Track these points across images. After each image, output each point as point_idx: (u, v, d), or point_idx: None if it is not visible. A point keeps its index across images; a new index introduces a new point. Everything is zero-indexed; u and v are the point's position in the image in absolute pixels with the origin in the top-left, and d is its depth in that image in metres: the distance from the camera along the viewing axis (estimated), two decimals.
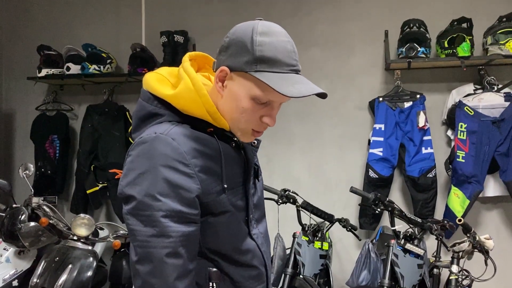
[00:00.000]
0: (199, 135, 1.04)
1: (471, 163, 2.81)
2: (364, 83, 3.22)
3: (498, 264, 2.22)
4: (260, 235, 1.17)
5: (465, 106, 2.85)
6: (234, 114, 1.03)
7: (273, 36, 0.99)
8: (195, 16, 3.53)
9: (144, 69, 3.31)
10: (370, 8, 3.23)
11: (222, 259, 1.08)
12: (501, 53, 2.76)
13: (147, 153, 0.98)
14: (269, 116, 1.04)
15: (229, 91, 1.02)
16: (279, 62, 0.98)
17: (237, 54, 0.99)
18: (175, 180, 0.96)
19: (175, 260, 0.95)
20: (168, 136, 0.99)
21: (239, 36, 1.00)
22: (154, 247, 0.94)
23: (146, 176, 0.96)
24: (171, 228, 0.95)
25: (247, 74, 0.98)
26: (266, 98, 1.01)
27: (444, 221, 2.47)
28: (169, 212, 0.95)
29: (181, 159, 0.98)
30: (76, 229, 2.48)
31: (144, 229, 0.95)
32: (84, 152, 3.45)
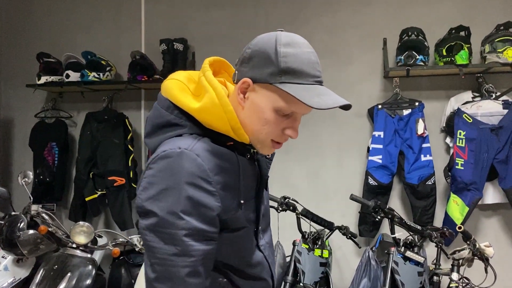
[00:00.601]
0: (220, 150, 1.02)
1: (470, 171, 2.81)
2: (363, 90, 3.23)
3: (498, 272, 2.22)
4: (267, 246, 1.17)
5: (464, 113, 2.86)
6: (256, 126, 1.02)
7: (297, 47, 0.98)
8: (194, 24, 3.55)
9: (144, 76, 3.32)
10: (368, 16, 3.25)
11: (233, 272, 1.08)
12: (499, 61, 2.77)
13: (172, 169, 0.95)
14: (291, 128, 1.03)
15: (251, 103, 1.01)
16: (304, 74, 0.96)
17: (260, 65, 0.98)
18: (198, 198, 0.94)
19: (195, 279, 0.94)
20: (192, 151, 0.97)
21: (262, 47, 0.98)
22: (175, 266, 0.93)
23: (170, 192, 0.94)
24: (193, 247, 0.94)
25: (271, 85, 0.97)
26: (290, 110, 1.00)
27: (443, 229, 2.47)
28: (191, 231, 0.93)
29: (205, 176, 0.96)
30: (75, 237, 2.47)
31: (165, 247, 0.93)
32: (83, 159, 3.45)
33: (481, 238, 3.01)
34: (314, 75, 0.98)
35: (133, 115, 3.57)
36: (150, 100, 3.61)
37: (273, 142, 1.04)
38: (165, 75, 3.28)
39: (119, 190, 3.34)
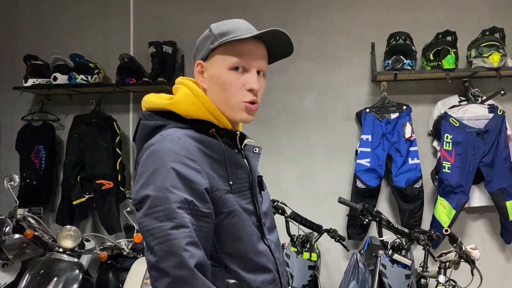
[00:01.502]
0: (202, 137, 1.08)
1: (456, 174, 2.84)
2: (351, 94, 3.25)
3: (484, 274, 2.24)
4: (273, 243, 1.17)
5: (451, 117, 2.89)
6: (221, 95, 1.09)
7: (227, 21, 1.15)
8: (183, 27, 3.54)
9: (132, 79, 3.31)
10: (356, 20, 3.28)
11: (239, 265, 1.06)
12: (484, 65, 2.81)
13: (156, 152, 1.01)
14: (250, 80, 1.08)
15: (209, 78, 1.11)
16: (238, 29, 1.09)
17: (202, 45, 1.14)
18: (184, 173, 0.98)
19: (197, 249, 0.94)
20: (174, 136, 1.03)
21: (201, 36, 1.17)
22: (175, 238, 0.93)
23: (158, 173, 0.98)
24: (187, 218, 0.95)
25: (215, 51, 1.10)
26: (241, 63, 1.08)
27: (431, 231, 2.49)
28: (183, 203, 0.95)
29: (189, 155, 1.01)
30: (61, 241, 2.45)
31: (162, 224, 0.94)
32: (71, 162, 3.41)
33: (467, 240, 3.04)
34: (247, 28, 1.11)
35: (122, 118, 3.55)
36: (139, 103, 3.54)
37: (245, 103, 1.09)
38: (154, 78, 3.27)
39: (107, 194, 3.31)
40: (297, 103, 3.36)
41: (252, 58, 1.09)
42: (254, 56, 1.09)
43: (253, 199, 1.13)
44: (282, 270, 1.18)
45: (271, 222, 1.22)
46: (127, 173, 3.55)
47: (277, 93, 3.39)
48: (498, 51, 2.78)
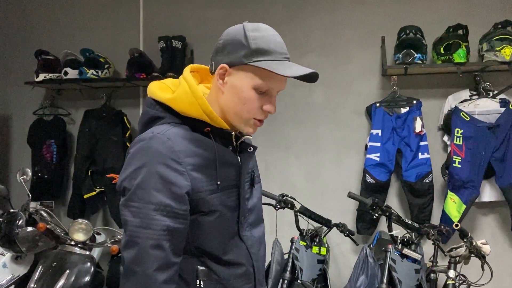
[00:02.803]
0: (196, 136, 1.11)
1: (467, 169, 2.83)
2: (361, 88, 3.24)
3: (494, 269, 2.23)
4: (252, 238, 1.20)
5: (461, 111, 2.87)
6: (237, 107, 1.11)
7: (263, 32, 1.10)
8: (193, 22, 3.55)
9: (142, 74, 3.32)
10: (366, 14, 3.25)
11: (209, 258, 1.11)
12: (496, 59, 2.78)
13: (144, 150, 1.05)
14: (269, 103, 1.13)
15: (230, 86, 1.10)
16: (273, 52, 1.08)
17: (234, 50, 1.08)
18: (167, 176, 1.02)
19: (158, 252, 1.00)
20: (164, 135, 1.06)
21: (233, 36, 1.10)
22: (139, 237, 1.00)
23: (141, 171, 1.02)
24: (157, 221, 1.00)
25: (246, 66, 1.07)
26: (267, 86, 1.10)
27: (440, 226, 2.48)
28: (158, 205, 1.01)
29: (175, 157, 1.04)
30: (73, 234, 2.48)
31: (133, 220, 1.01)
32: (81, 157, 3.45)
33: (478, 235, 3.02)
34: (282, 52, 1.10)
35: (132, 112, 3.57)
36: None
37: (255, 120, 1.14)
38: (163, 72, 3.28)
39: None
40: (305, 98, 3.35)
41: (277, 85, 1.12)
42: (281, 83, 1.12)
43: (238, 196, 1.16)
44: (258, 265, 1.21)
45: (256, 218, 1.25)
46: None
47: (286, 88, 3.37)
48: (510, 44, 2.75)
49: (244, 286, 1.17)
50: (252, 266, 1.18)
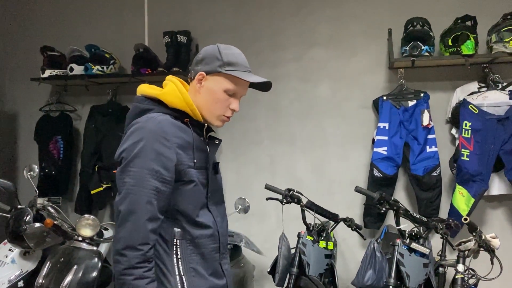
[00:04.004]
0: (178, 123, 1.40)
1: (476, 162, 2.80)
2: (367, 82, 3.21)
3: (504, 263, 2.21)
4: (217, 211, 1.50)
5: (470, 104, 2.84)
6: (211, 105, 1.43)
7: (232, 50, 1.46)
8: (198, 16, 3.53)
9: (147, 69, 3.32)
10: (373, 6, 3.22)
11: (185, 219, 1.39)
12: (505, 51, 2.74)
13: (140, 129, 1.32)
14: (234, 103, 1.46)
15: (206, 89, 1.42)
16: (240, 65, 1.43)
17: (210, 62, 1.42)
18: (159, 149, 1.30)
19: (149, 206, 1.27)
20: (156, 119, 1.35)
21: (210, 52, 1.44)
22: (135, 193, 1.26)
23: (139, 144, 1.29)
24: (149, 182, 1.27)
25: (220, 74, 1.41)
26: (234, 90, 1.43)
27: (449, 220, 2.46)
28: (151, 171, 1.28)
29: (164, 135, 1.32)
30: (80, 230, 2.48)
31: (129, 180, 1.28)
32: (88, 152, 3.46)
33: (486, 229, 2.99)
34: (246, 66, 1.45)
35: None
36: None
37: (224, 116, 1.46)
38: (169, 67, 3.28)
39: None
40: (311, 92, 3.34)
41: (242, 90, 1.46)
42: (244, 89, 1.47)
43: (207, 177, 1.45)
44: (222, 232, 1.50)
45: (219, 198, 1.55)
46: None
47: (290, 82, 3.37)
48: None
49: (211, 245, 1.43)
50: (217, 231, 1.46)
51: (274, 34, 3.38)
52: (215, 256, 1.45)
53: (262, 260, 3.14)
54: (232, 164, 3.49)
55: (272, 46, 3.39)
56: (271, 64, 3.39)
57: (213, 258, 1.44)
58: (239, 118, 3.46)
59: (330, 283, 2.74)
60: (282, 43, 3.37)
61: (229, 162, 3.49)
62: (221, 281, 1.47)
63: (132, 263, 1.24)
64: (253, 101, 3.38)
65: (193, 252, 1.39)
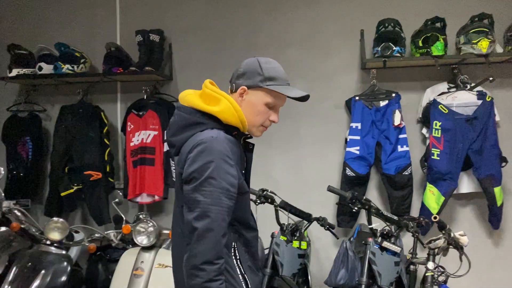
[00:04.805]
0: (231, 138, 1.49)
1: (445, 161, 2.85)
2: (340, 82, 3.23)
3: (473, 260, 2.26)
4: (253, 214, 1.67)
5: (439, 104, 2.89)
6: (252, 117, 1.53)
7: (272, 64, 1.55)
8: (171, 15, 3.49)
9: (119, 68, 3.26)
10: (346, 8, 3.25)
11: (241, 224, 1.55)
12: (473, 52, 2.80)
13: (209, 150, 1.40)
14: (274, 115, 1.57)
15: (247, 102, 1.52)
16: (279, 79, 1.52)
17: (251, 77, 1.51)
18: (226, 169, 1.40)
19: (223, 223, 1.38)
20: (219, 139, 1.43)
21: (251, 66, 1.53)
22: (212, 211, 1.36)
23: (210, 165, 1.38)
24: (224, 201, 1.38)
25: (260, 88, 1.51)
26: (274, 103, 1.54)
27: (420, 218, 2.50)
28: (223, 189, 1.38)
29: (229, 154, 1.42)
30: (49, 234, 2.42)
31: (205, 200, 1.36)
32: (58, 153, 3.37)
33: (456, 227, 3.06)
34: (285, 79, 1.55)
35: (109, 108, 3.51)
36: (126, 93, 3.54)
37: (263, 127, 1.58)
38: (141, 67, 3.22)
39: (96, 185, 3.28)
40: None
41: (281, 103, 1.57)
42: (283, 101, 1.57)
43: (248, 182, 1.61)
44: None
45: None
46: (116, 163, 3.51)
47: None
48: (487, 37, 2.77)
49: (256, 244, 1.63)
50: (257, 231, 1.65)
51: (249, 33, 3.37)
52: (259, 253, 1.67)
53: None
54: None
55: (247, 46, 3.38)
56: None
57: (257, 255, 1.64)
58: None
59: (303, 283, 2.75)
60: (257, 43, 3.36)
61: None
62: (260, 273, 1.70)
63: (211, 276, 1.35)
64: None
65: (246, 252, 1.57)
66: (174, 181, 3.22)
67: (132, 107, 3.34)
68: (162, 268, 2.40)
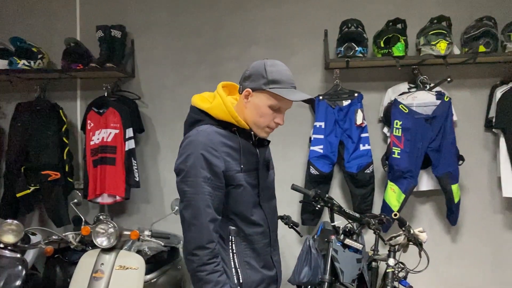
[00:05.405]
0: (226, 133, 1.58)
1: (406, 159, 2.92)
2: (305, 81, 3.25)
3: (432, 255, 2.32)
4: (268, 207, 1.69)
5: (400, 104, 2.95)
6: (256, 118, 1.58)
7: (277, 67, 1.57)
8: (134, 11, 3.41)
9: (79, 65, 3.16)
10: (310, 7, 3.27)
11: (238, 218, 1.58)
12: (432, 53, 2.88)
13: (192, 142, 1.52)
14: (279, 117, 1.60)
15: (251, 104, 1.57)
16: (284, 82, 1.55)
17: (256, 80, 1.55)
18: (208, 158, 1.48)
19: (208, 209, 1.47)
20: (205, 132, 1.54)
21: (256, 69, 1.57)
22: (195, 200, 1.47)
23: (191, 156, 1.49)
24: (205, 189, 1.47)
25: (264, 91, 1.54)
26: (278, 106, 1.56)
27: (381, 216, 2.55)
28: (204, 178, 1.47)
29: (213, 146, 1.51)
30: (2, 236, 2.32)
31: (189, 189, 1.48)
32: (14, 152, 3.23)
33: (416, 223, 3.14)
34: (290, 82, 1.57)
35: (68, 105, 3.39)
36: (87, 90, 3.44)
37: (268, 128, 1.61)
38: (102, 63, 3.13)
39: (54, 185, 3.17)
40: None
41: (286, 106, 1.59)
42: (288, 105, 1.59)
43: (257, 177, 1.63)
44: (273, 227, 1.70)
45: (270, 193, 1.76)
46: (76, 163, 3.41)
47: (232, 81, 3.30)
48: (445, 39, 2.86)
49: (263, 241, 1.63)
50: (268, 227, 1.66)
51: (213, 31, 3.34)
52: (266, 250, 1.64)
53: None
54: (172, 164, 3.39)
55: (212, 44, 3.35)
56: (211, 62, 3.35)
57: (264, 252, 1.64)
58: (179, 116, 3.38)
59: None
60: (222, 40, 3.33)
61: (169, 162, 3.41)
62: (272, 272, 1.67)
63: (204, 260, 1.45)
64: None
65: (246, 247, 1.59)
66: (137, 181, 3.19)
67: (92, 104, 3.24)
68: (123, 270, 2.34)
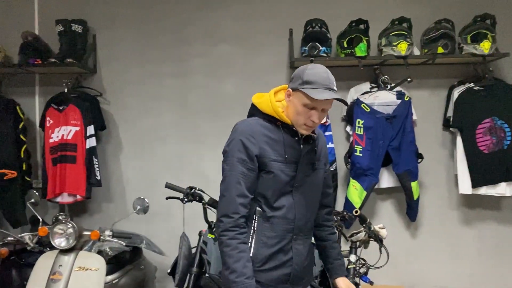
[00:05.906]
0: (269, 125, 1.75)
1: (367, 157, 2.98)
2: (270, 80, 3.26)
3: (392, 251, 2.38)
4: (301, 198, 1.77)
5: (362, 103, 3.01)
6: (294, 116, 1.70)
7: (315, 69, 1.67)
8: (95, 5, 3.33)
9: (37, 60, 3.05)
10: (276, 6, 3.28)
11: (264, 201, 1.73)
12: (393, 54, 2.95)
13: (237, 130, 1.73)
14: (314, 116, 1.68)
15: (291, 102, 1.71)
16: (317, 83, 1.63)
17: (295, 81, 1.69)
18: (246, 144, 1.68)
19: (238, 185, 1.66)
20: (248, 122, 1.75)
21: (298, 71, 1.70)
22: (228, 176, 1.68)
23: (233, 141, 1.71)
24: (238, 167, 1.67)
25: (299, 90, 1.66)
26: (312, 105, 1.65)
27: (343, 212, 2.59)
28: (238, 159, 1.67)
29: (252, 134, 1.70)
30: None
31: (227, 167, 1.70)
32: None
33: (377, 220, 3.21)
34: (324, 84, 1.64)
35: (26, 102, 3.28)
36: (46, 86, 3.33)
37: (305, 125, 1.70)
38: (61, 58, 3.04)
39: (10, 184, 3.05)
40: (218, 89, 3.32)
41: (318, 105, 1.66)
42: (320, 104, 1.66)
43: (295, 170, 1.74)
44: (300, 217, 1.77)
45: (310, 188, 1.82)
46: (34, 161, 3.29)
47: (198, 78, 3.32)
48: (406, 40, 2.93)
49: (284, 225, 1.74)
50: (294, 215, 1.75)
51: (179, 27, 3.29)
52: (287, 235, 1.75)
53: (165, 260, 3.05)
54: (135, 162, 3.35)
55: (177, 41, 3.31)
56: (177, 59, 3.31)
57: (284, 236, 1.75)
58: (143, 113, 3.33)
59: None
60: (187, 37, 3.30)
61: (132, 159, 3.35)
62: (286, 256, 1.76)
63: (227, 226, 1.64)
64: (158, 96, 3.28)
65: (267, 228, 1.72)
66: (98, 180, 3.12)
67: (51, 101, 3.14)
68: (83, 271, 2.27)
